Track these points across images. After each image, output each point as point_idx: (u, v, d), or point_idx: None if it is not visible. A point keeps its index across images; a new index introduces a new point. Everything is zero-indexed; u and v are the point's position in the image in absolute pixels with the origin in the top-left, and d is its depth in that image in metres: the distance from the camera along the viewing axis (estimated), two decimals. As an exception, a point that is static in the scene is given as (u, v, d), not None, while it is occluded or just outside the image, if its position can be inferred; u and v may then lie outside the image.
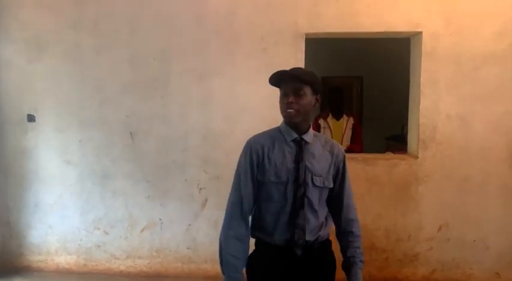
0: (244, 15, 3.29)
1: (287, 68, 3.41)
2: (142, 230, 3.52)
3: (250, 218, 1.79)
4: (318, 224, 1.74)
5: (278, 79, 1.71)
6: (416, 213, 3.29)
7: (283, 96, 1.71)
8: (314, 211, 1.72)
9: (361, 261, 1.78)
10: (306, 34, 3.26)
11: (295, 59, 3.26)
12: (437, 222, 3.28)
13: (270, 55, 3.28)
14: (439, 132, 3.22)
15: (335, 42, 4.54)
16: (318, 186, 1.72)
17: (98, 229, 3.55)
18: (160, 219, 3.50)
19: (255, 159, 1.73)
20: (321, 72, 6.10)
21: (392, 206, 3.30)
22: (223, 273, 1.75)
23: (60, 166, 3.52)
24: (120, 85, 3.43)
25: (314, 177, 1.70)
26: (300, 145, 1.72)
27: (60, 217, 3.57)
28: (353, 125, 4.17)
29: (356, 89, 6.34)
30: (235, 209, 1.74)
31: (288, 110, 1.68)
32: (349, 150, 4.08)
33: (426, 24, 3.16)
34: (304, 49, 3.28)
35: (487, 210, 3.24)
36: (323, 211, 1.77)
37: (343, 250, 1.82)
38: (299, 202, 1.69)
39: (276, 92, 3.38)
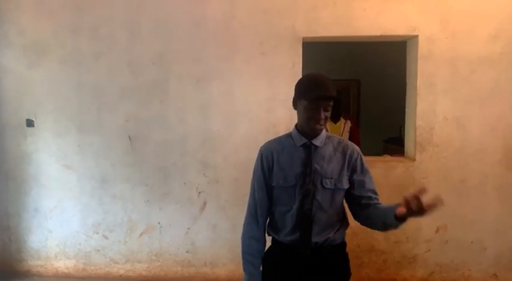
0: (242, 19, 3.32)
1: (285, 72, 3.41)
2: (141, 234, 3.53)
3: (264, 220, 1.86)
4: (329, 225, 1.77)
5: (317, 99, 1.66)
6: (414, 215, 3.30)
7: (315, 110, 1.67)
8: (324, 213, 1.74)
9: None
10: (304, 38, 3.29)
11: (292, 62, 3.29)
12: (435, 224, 3.30)
13: (268, 59, 3.30)
14: (435, 134, 3.25)
15: (332, 46, 4.57)
16: (328, 188, 1.74)
17: (97, 233, 3.56)
18: (159, 223, 3.51)
19: (266, 165, 1.80)
20: (319, 75, 6.17)
21: (390, 208, 3.31)
22: (244, 270, 1.85)
23: (60, 170, 3.53)
24: (119, 90, 3.44)
25: (324, 180, 1.73)
26: (309, 149, 1.75)
27: (59, 222, 3.57)
28: (350, 128, 4.20)
29: (353, 93, 6.37)
30: (249, 212, 1.87)
31: (318, 126, 1.70)
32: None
33: (422, 27, 3.20)
34: (301, 53, 3.30)
35: (484, 211, 3.27)
36: (336, 213, 1.79)
37: (382, 213, 1.68)
38: (307, 205, 1.72)
39: (274, 95, 3.39)
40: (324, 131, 1.80)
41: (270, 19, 3.29)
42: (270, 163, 1.79)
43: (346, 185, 1.78)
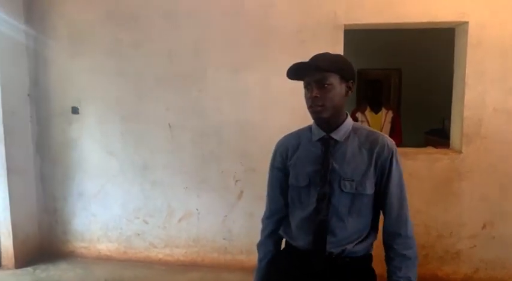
0: (281, 7, 3.26)
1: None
2: (179, 220, 3.60)
3: (278, 218, 1.73)
4: (346, 236, 1.51)
5: (297, 72, 1.51)
6: (458, 209, 3.18)
7: (306, 90, 1.51)
8: (340, 221, 1.50)
9: None
10: (345, 25, 3.19)
11: (333, 51, 3.18)
12: (481, 219, 3.16)
13: (307, 48, 3.23)
14: (484, 126, 3.09)
15: (373, 33, 4.43)
16: (347, 192, 1.48)
17: (138, 218, 3.66)
18: (197, 209, 3.56)
19: (280, 161, 1.65)
20: (359, 64, 6.01)
21: (433, 201, 3.20)
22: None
23: (103, 156, 3.65)
24: (158, 79, 3.49)
25: (343, 181, 1.47)
26: (327, 145, 1.52)
27: (102, 206, 3.70)
28: (392, 118, 4.06)
29: (394, 82, 6.18)
30: (266, 207, 1.77)
31: (313, 106, 1.47)
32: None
33: (472, 13, 3.02)
34: (342, 41, 3.21)
35: (535, 208, 3.09)
36: (357, 222, 1.52)
37: (386, 265, 1.61)
38: (323, 210, 1.49)
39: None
40: (349, 121, 1.56)
41: (309, 6, 3.21)
42: (284, 160, 1.62)
43: (370, 190, 1.50)
